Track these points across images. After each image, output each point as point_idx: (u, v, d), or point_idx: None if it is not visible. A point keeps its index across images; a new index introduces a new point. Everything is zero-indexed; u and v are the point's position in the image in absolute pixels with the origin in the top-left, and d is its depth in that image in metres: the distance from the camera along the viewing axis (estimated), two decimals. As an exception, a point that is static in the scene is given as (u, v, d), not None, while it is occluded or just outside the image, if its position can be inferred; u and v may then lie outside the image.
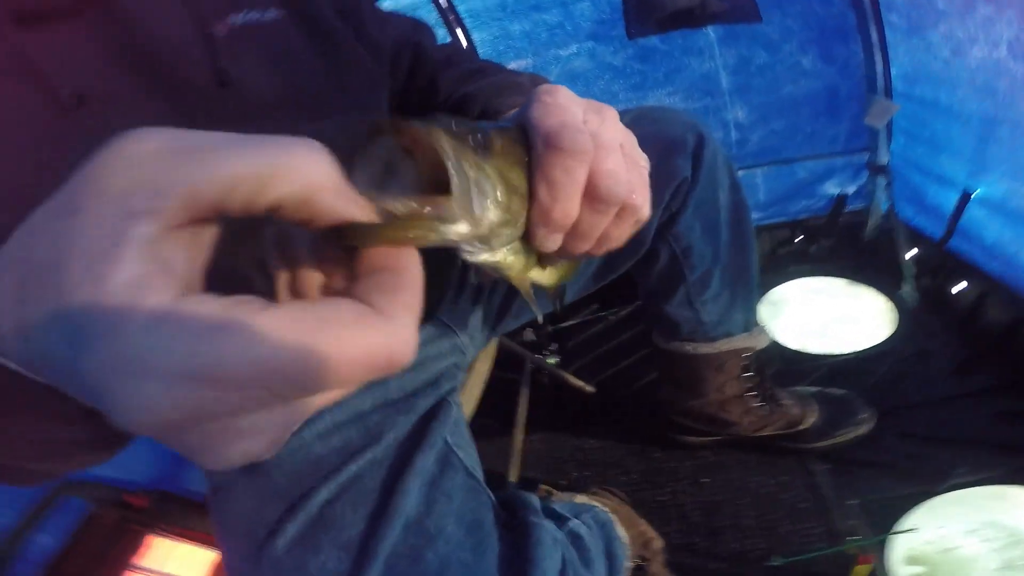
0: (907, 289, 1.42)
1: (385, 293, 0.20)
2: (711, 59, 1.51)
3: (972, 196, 1.31)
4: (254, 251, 0.23)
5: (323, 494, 0.51)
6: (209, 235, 0.20)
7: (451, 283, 0.73)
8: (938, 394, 1.16)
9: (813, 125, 1.58)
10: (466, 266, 0.76)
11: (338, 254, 0.23)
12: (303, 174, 0.19)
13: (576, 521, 0.68)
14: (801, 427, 1.06)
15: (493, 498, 0.58)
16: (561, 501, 0.87)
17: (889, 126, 1.51)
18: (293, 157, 0.19)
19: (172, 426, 0.17)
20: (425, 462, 0.54)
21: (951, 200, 1.35)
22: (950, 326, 1.33)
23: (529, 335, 1.36)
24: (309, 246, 0.23)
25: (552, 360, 1.29)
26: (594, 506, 0.81)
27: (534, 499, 0.62)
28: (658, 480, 1.11)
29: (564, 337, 1.43)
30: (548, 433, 1.24)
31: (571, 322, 1.48)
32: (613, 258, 0.82)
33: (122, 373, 0.16)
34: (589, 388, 1.25)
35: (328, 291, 0.23)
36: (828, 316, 1.43)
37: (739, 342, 0.97)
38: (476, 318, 0.76)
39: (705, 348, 0.97)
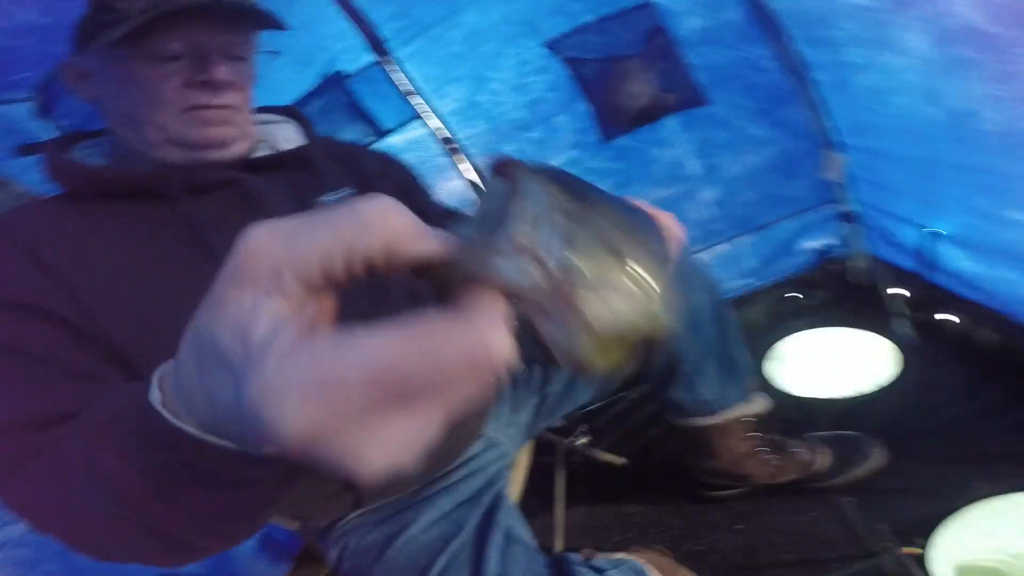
0: (901, 326, 1.52)
1: (472, 309, 0.22)
2: (676, 146, 1.68)
3: (935, 233, 1.41)
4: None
5: (438, 567, 0.72)
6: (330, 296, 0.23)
7: (495, 404, 0.91)
8: (948, 417, 1.24)
9: (779, 188, 1.72)
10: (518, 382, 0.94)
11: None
12: (380, 227, 0.22)
13: (614, 571, 0.82)
14: (814, 469, 1.17)
15: (546, 558, 0.78)
16: (600, 560, 1.01)
17: (846, 176, 1.63)
18: (369, 215, 0.22)
19: (317, 431, 0.19)
20: (496, 539, 0.74)
21: (915, 236, 1.46)
22: (949, 354, 1.41)
23: (559, 421, 1.48)
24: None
25: (583, 440, 1.42)
26: (630, 559, 0.91)
27: (576, 556, 0.81)
28: (695, 533, 1.20)
29: (592, 418, 1.54)
30: (587, 506, 1.34)
31: (597, 404, 1.57)
32: None
33: (269, 395, 0.19)
34: (620, 461, 1.37)
35: None
36: (833, 363, 1.53)
37: (737, 411, 1.12)
38: (516, 429, 0.95)
39: (709, 420, 1.11)
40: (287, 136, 0.81)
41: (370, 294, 0.63)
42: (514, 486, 1.02)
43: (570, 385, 0.99)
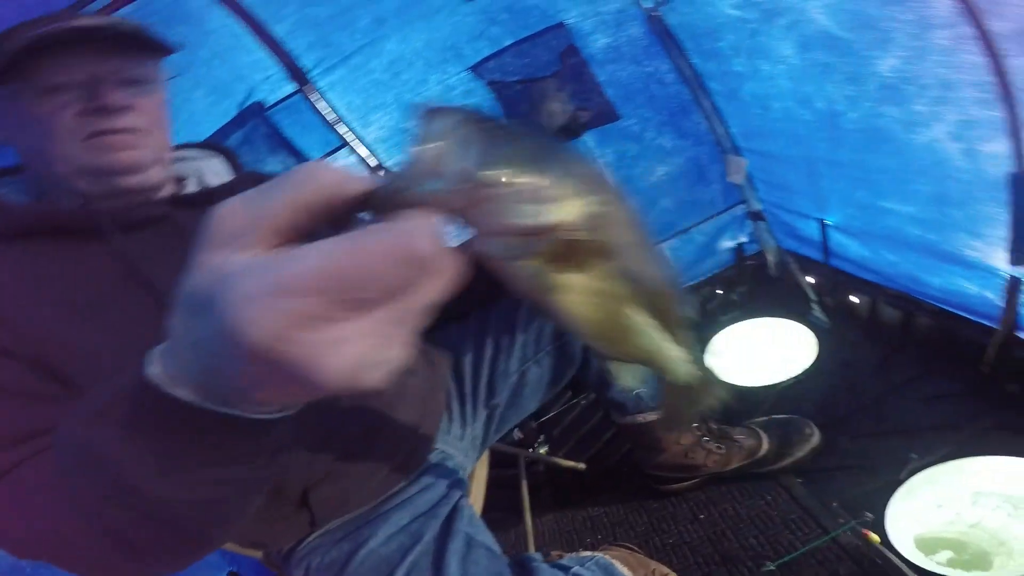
0: (815, 311, 1.65)
1: (400, 219, 0.25)
2: (596, 161, 1.76)
3: (826, 224, 1.55)
4: None
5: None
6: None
7: (442, 421, 0.92)
8: (869, 394, 1.33)
9: (692, 194, 1.83)
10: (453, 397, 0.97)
11: None
12: (316, 179, 0.26)
13: (579, 567, 0.85)
14: (760, 454, 1.23)
15: (508, 559, 0.80)
16: (568, 558, 0.99)
17: (749, 178, 1.76)
18: (306, 171, 0.26)
19: (280, 336, 0.22)
20: (455, 546, 0.76)
21: (815, 229, 1.59)
22: (860, 333, 1.53)
23: (517, 434, 1.51)
24: None
25: (543, 450, 1.44)
26: (596, 555, 0.94)
27: (537, 555, 0.84)
28: (662, 527, 1.23)
29: (549, 427, 1.57)
30: (555, 512, 1.36)
31: (552, 413, 1.63)
32: (559, 371, 1.05)
33: (235, 307, 0.22)
34: (580, 465, 1.40)
35: None
36: (762, 351, 1.62)
37: None
38: (468, 443, 0.97)
39: (650, 416, 1.16)
40: (215, 170, 0.82)
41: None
42: (476, 500, 1.03)
43: (516, 396, 1.01)
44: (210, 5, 1.24)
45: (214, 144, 0.87)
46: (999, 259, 1.10)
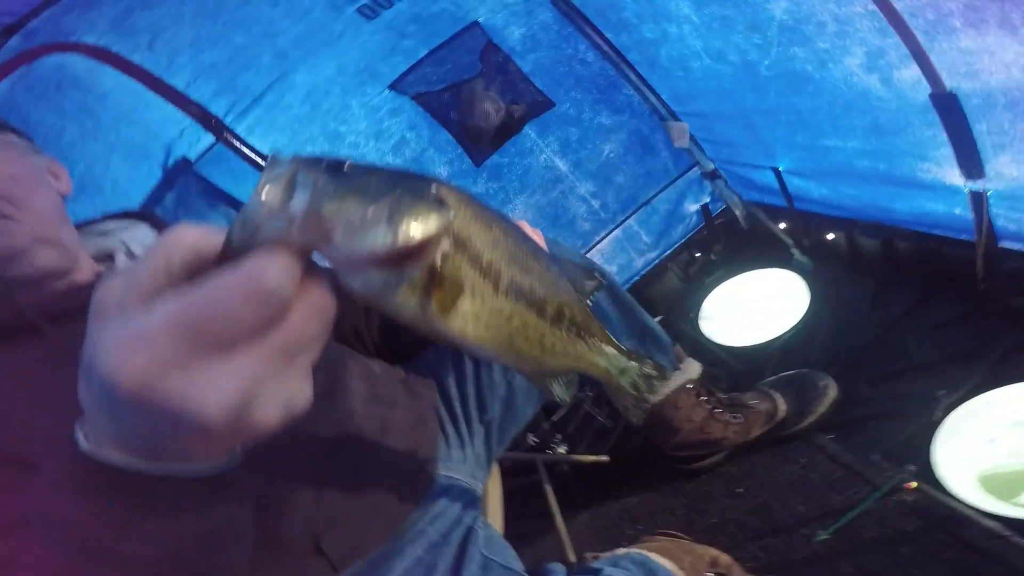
0: (796, 255, 1.61)
1: (245, 259, 0.26)
2: (541, 152, 1.73)
3: (780, 171, 1.54)
4: None
5: None
6: None
7: (439, 447, 0.88)
8: (873, 333, 1.26)
9: (643, 166, 1.81)
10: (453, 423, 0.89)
11: None
12: (179, 239, 0.28)
13: (611, 569, 0.81)
14: (779, 416, 1.16)
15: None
16: (600, 560, 0.94)
17: (693, 140, 1.73)
18: (171, 236, 0.28)
19: (148, 378, 0.24)
20: (470, 572, 0.74)
21: (771, 177, 1.57)
22: (847, 270, 1.48)
23: (533, 439, 1.42)
24: None
25: (561, 449, 1.36)
26: (630, 551, 0.90)
27: (558, 566, 0.80)
28: (700, 507, 1.16)
29: (562, 426, 1.49)
30: (587, 510, 1.28)
31: (562, 411, 1.54)
32: None
33: (103, 358, 0.25)
34: (603, 458, 1.31)
35: None
36: (756, 307, 1.57)
37: (676, 380, 1.12)
38: (471, 463, 0.92)
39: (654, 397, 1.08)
40: (141, 239, 0.80)
41: None
42: (494, 518, 0.97)
43: (509, 406, 0.96)
44: (96, 68, 1.16)
45: (134, 211, 0.85)
46: (955, 176, 1.08)
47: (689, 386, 1.13)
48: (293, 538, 0.69)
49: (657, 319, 1.24)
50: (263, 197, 0.27)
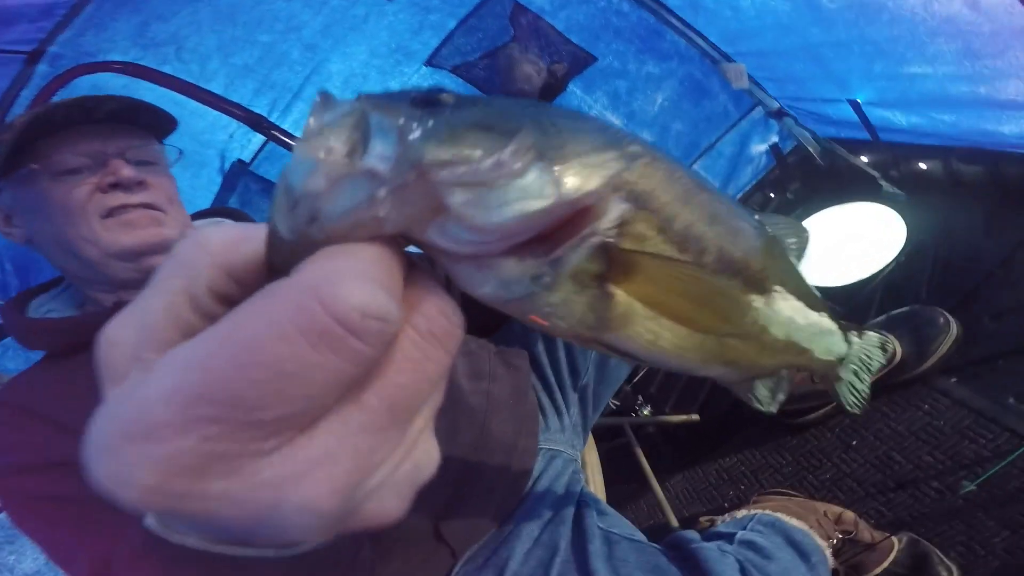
0: (885, 187, 1.44)
1: (297, 273, 0.17)
2: (591, 108, 1.64)
3: (860, 103, 1.39)
4: None
5: None
6: None
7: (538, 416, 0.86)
8: (993, 263, 1.10)
9: (702, 111, 1.69)
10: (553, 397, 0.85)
11: None
12: (203, 255, 0.19)
13: (744, 531, 0.77)
14: (898, 359, 1.01)
15: (659, 546, 0.71)
16: (724, 523, 0.89)
17: (753, 80, 1.59)
18: (186, 251, 0.19)
19: (167, 488, 0.15)
20: (596, 548, 0.68)
21: (848, 111, 1.42)
22: (947, 199, 1.32)
23: (614, 403, 1.35)
24: None
25: (646, 411, 1.29)
26: (755, 513, 0.85)
27: (692, 533, 0.74)
28: (812, 463, 1.05)
29: (643, 387, 1.42)
30: (682, 472, 1.20)
31: (641, 372, 1.46)
32: None
33: (94, 464, 0.16)
34: (694, 417, 1.23)
35: None
36: (848, 244, 1.42)
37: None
38: (569, 432, 0.89)
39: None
40: None
41: None
42: (595, 486, 0.93)
43: (602, 369, 0.92)
44: (131, 83, 1.16)
45: (220, 208, 0.88)
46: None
47: None
48: (414, 525, 0.67)
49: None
50: (321, 154, 0.17)
